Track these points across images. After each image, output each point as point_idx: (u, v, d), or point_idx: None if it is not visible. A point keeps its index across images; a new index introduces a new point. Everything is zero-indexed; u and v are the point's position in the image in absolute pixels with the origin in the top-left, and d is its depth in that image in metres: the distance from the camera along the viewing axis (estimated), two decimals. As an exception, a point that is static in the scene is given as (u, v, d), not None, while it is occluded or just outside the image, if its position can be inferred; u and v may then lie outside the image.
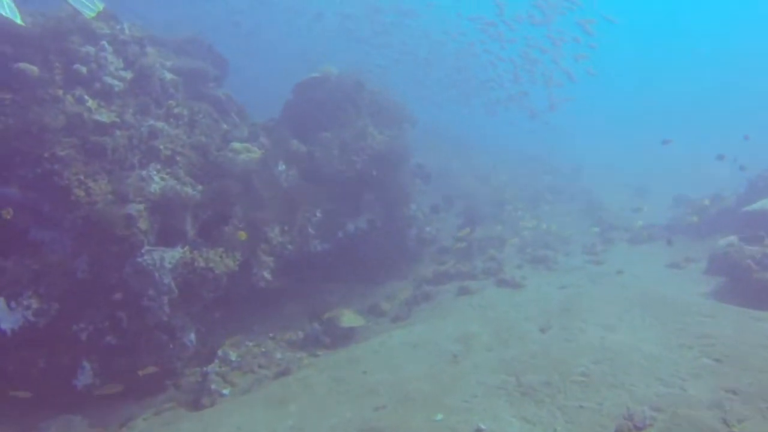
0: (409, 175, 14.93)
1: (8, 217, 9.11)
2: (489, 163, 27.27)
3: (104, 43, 10.71)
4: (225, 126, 12.33)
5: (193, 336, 10.30)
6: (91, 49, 10.52)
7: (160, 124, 10.70)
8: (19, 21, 10.00)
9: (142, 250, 9.39)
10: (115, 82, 10.56)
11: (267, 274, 11.08)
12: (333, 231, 12.94)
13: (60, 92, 10.11)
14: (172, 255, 9.54)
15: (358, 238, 13.50)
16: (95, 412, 9.39)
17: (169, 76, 11.76)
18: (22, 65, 9.94)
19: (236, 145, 11.48)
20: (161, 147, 10.40)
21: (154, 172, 10.07)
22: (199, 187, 10.32)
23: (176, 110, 11.20)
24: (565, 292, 11.95)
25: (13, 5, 10.07)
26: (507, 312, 10.91)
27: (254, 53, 32.42)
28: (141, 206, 9.55)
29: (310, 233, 12.22)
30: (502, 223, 19.70)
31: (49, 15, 10.97)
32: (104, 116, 10.11)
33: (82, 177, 9.55)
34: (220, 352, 10.83)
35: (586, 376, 7.29)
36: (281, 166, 11.87)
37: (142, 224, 9.42)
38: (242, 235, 10.46)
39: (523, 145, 32.24)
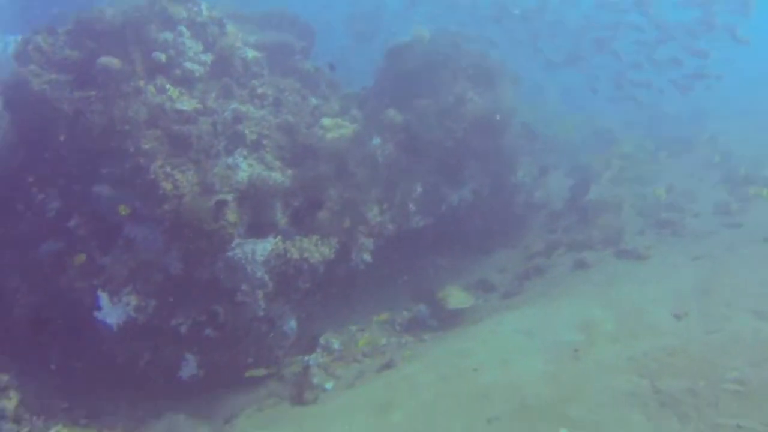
0: (514, 138, 13.71)
1: (124, 212, 9.08)
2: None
3: (182, 27, 10.25)
4: (314, 101, 11.64)
5: (293, 323, 9.87)
6: (169, 36, 10.10)
7: (244, 107, 10.17)
8: None
9: (233, 244, 8.97)
10: (196, 67, 10.10)
11: (367, 256, 10.44)
12: (435, 204, 12.04)
13: (141, 83, 9.78)
14: (264, 247, 9.05)
15: (463, 210, 12.55)
16: (198, 405, 9.27)
17: (251, 54, 11.17)
18: (104, 60, 9.67)
19: (326, 121, 10.79)
20: (246, 131, 9.87)
21: (241, 159, 9.57)
22: (289, 172, 9.73)
23: (260, 90, 10.63)
24: (700, 265, 10.39)
25: None
26: (632, 291, 9.63)
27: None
28: (229, 197, 9.09)
29: (411, 209, 11.41)
30: (616, 181, 17.97)
31: (128, 4, 10.65)
32: (186, 104, 9.69)
33: (168, 169, 9.23)
34: (322, 340, 10.40)
35: (742, 384, 6.06)
36: (376, 140, 11.07)
37: (231, 216, 8.97)
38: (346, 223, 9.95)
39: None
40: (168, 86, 9.86)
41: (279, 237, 9.26)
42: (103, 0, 10.80)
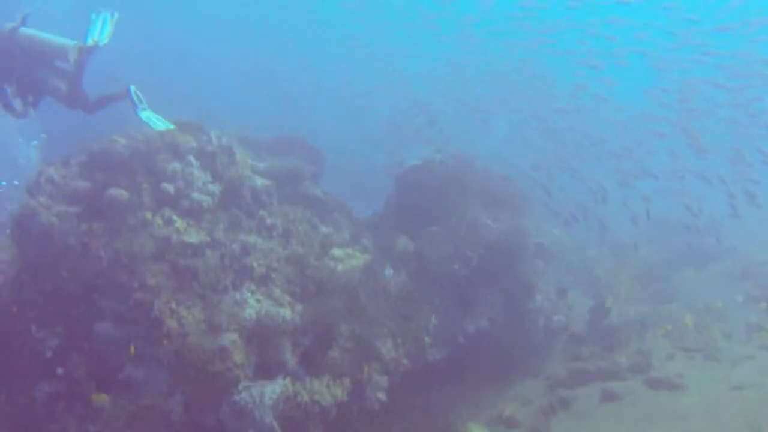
0: (530, 260, 13.32)
1: (132, 353, 8.64)
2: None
3: (191, 157, 10.13)
4: (324, 229, 11.35)
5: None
6: (177, 166, 9.96)
7: (252, 239, 9.87)
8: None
9: (239, 387, 8.38)
10: (204, 198, 9.88)
11: (381, 395, 9.76)
12: (452, 335, 11.46)
13: (149, 215, 9.53)
14: (273, 389, 8.43)
15: (480, 340, 11.94)
16: None
17: (260, 182, 11.02)
18: (113, 191, 9.49)
19: (337, 252, 10.46)
20: (254, 264, 9.51)
21: (249, 294, 9.15)
22: (299, 307, 9.28)
23: (269, 220, 10.36)
24: (744, 396, 9.69)
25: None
26: (674, 431, 8.89)
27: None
28: (235, 335, 8.60)
29: (427, 342, 10.83)
30: (635, 298, 17.32)
31: (140, 135, 10.69)
32: (193, 237, 9.39)
33: (173, 305, 8.79)
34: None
35: None
36: (388, 271, 10.68)
37: (237, 357, 8.44)
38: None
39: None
40: (175, 218, 9.61)
41: (288, 378, 8.67)
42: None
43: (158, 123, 10.28)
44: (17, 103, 10.20)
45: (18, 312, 9.39)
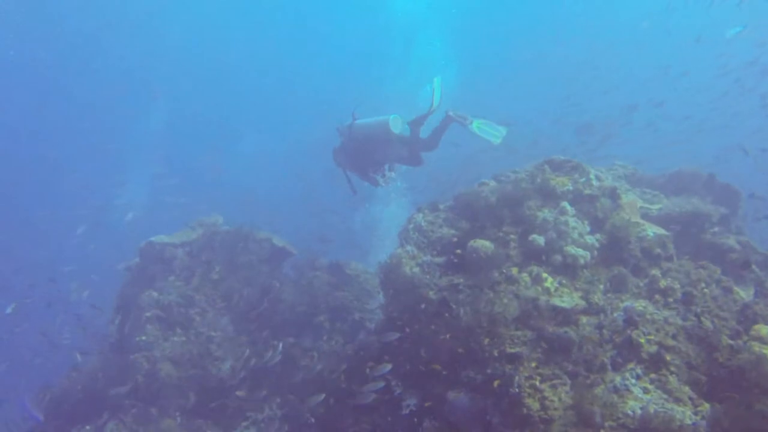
0: None
1: None
2: None
3: (565, 204, 8.48)
4: (742, 295, 8.52)
5: None
6: (549, 215, 8.43)
7: (641, 305, 7.71)
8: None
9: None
10: (580, 252, 8.11)
11: None
12: None
13: (515, 271, 8.20)
14: None
15: None
16: None
17: (652, 231, 8.79)
18: (476, 243, 8.44)
19: (763, 329, 7.60)
20: (642, 339, 7.33)
21: (633, 380, 7.03)
22: (705, 407, 6.79)
23: (663, 282, 8.05)
24: None
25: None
26: None
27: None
28: (614, 436, 6.57)
29: None
30: None
31: (511, 175, 9.59)
32: (566, 300, 7.70)
33: (537, 383, 7.22)
34: None
35: None
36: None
37: (615, 466, 6.39)
38: None
39: None
40: (545, 275, 8.06)
41: (688, 508, 6.28)
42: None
43: (493, 132, 10.60)
44: (378, 178, 11.41)
45: (374, 366, 8.99)
